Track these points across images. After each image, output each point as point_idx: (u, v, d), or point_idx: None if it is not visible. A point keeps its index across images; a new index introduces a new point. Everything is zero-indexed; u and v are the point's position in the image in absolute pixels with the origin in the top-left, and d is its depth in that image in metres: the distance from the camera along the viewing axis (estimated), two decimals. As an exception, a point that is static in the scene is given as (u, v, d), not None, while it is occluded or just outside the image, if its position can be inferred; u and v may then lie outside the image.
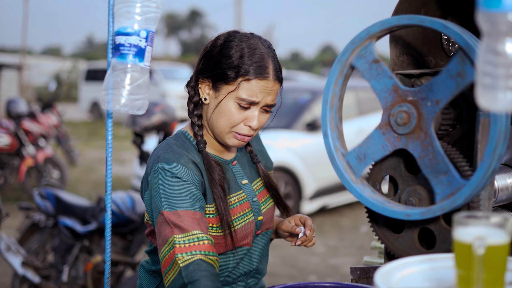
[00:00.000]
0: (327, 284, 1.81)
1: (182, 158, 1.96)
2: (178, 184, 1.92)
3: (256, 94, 1.96)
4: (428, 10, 1.87)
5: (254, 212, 2.11)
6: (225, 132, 2.02)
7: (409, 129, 1.62)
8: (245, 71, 1.96)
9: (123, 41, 1.67)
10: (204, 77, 2.03)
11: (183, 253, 1.83)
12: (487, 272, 1.16)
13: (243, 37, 2.02)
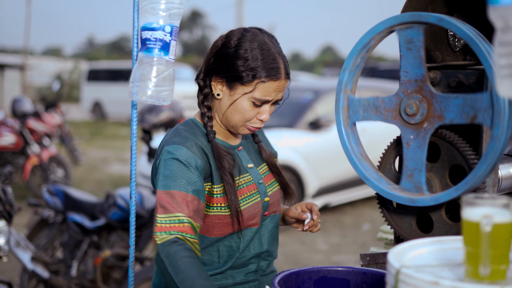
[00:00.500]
0: (339, 268, 1.90)
1: (187, 142, 2.10)
2: (177, 166, 2.05)
3: (270, 94, 2.12)
4: (435, 7, 1.96)
5: (260, 194, 2.23)
6: (239, 125, 2.16)
7: (414, 122, 1.71)
8: (260, 74, 2.09)
9: (149, 36, 1.77)
10: (218, 75, 2.15)
11: (162, 232, 1.98)
12: (493, 249, 1.25)
13: (254, 36, 2.13)
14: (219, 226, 2.15)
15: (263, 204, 2.24)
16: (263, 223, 2.27)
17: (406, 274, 1.31)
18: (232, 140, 2.28)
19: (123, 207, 4.94)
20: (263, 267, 2.28)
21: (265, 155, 2.35)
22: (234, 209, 2.12)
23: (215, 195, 2.13)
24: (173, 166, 2.06)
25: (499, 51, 1.20)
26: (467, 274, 1.30)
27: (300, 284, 1.87)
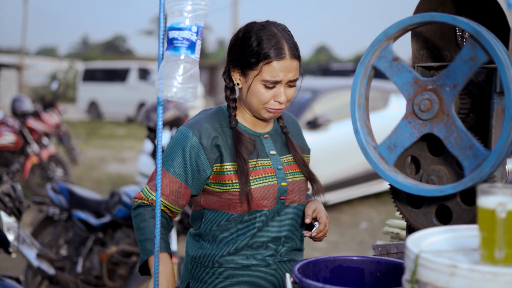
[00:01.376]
0: (354, 258, 1.99)
1: (196, 125, 2.32)
2: (177, 149, 2.32)
3: (278, 74, 2.26)
4: (445, 8, 2.05)
5: (278, 178, 2.36)
6: (259, 109, 2.33)
7: (433, 114, 1.80)
8: (264, 56, 2.25)
9: (177, 35, 1.87)
10: (234, 66, 2.34)
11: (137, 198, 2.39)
12: (508, 234, 1.35)
13: (259, 26, 2.31)
14: (234, 203, 2.31)
15: (279, 188, 2.35)
16: (285, 210, 2.39)
17: (425, 258, 1.40)
18: (260, 128, 2.43)
19: (128, 204, 5.02)
20: (282, 253, 2.39)
21: (291, 146, 2.46)
22: (243, 188, 2.28)
23: (226, 172, 2.31)
24: (174, 148, 2.33)
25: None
26: (483, 258, 1.39)
27: (317, 272, 1.96)
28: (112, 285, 5.02)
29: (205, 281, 2.37)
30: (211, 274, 2.36)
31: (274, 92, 2.29)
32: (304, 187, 2.47)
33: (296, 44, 2.33)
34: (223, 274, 2.35)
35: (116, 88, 24.22)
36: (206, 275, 2.37)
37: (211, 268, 2.36)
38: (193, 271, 2.41)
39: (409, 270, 1.45)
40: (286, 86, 2.31)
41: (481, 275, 1.30)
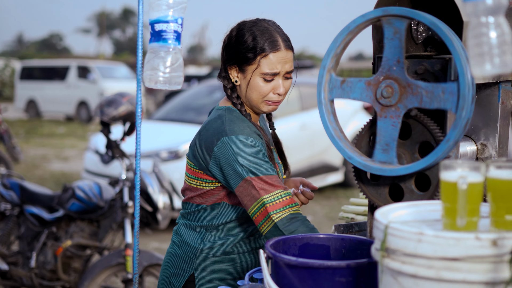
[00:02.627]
0: (320, 236, 2.13)
1: (247, 129, 2.36)
2: (252, 151, 2.31)
3: (276, 66, 2.38)
4: (401, 4, 2.21)
5: (280, 172, 2.53)
6: (259, 103, 2.43)
7: (397, 94, 1.96)
8: (260, 49, 2.37)
9: (165, 28, 1.99)
10: (230, 64, 2.44)
11: (275, 210, 2.26)
12: (468, 203, 1.51)
13: (251, 23, 2.44)
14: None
15: (282, 180, 2.53)
16: None
17: (394, 228, 1.55)
18: (255, 122, 2.54)
19: (82, 199, 5.07)
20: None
21: (276, 140, 2.63)
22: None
23: None
24: (249, 152, 2.31)
25: (472, 37, 1.46)
26: (446, 226, 1.55)
27: (287, 250, 2.09)
28: (67, 279, 5.07)
29: (214, 270, 2.50)
30: (220, 262, 2.50)
31: (273, 85, 2.41)
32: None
33: (287, 36, 2.47)
34: (232, 261, 2.51)
35: (55, 87, 23.91)
36: (215, 264, 2.50)
37: (221, 257, 2.50)
38: (200, 262, 2.51)
39: (379, 240, 1.60)
40: (283, 78, 2.43)
41: (445, 240, 1.46)
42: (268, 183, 2.28)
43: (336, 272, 1.81)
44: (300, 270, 1.83)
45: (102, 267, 4.84)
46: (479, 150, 2.31)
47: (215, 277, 2.50)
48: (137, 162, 2.12)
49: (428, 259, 1.47)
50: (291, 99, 9.91)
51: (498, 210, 1.55)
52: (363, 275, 1.81)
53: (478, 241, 1.44)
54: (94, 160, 8.77)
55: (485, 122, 2.29)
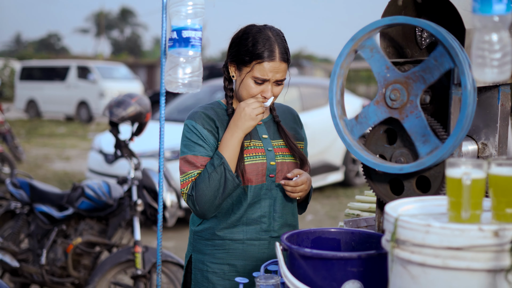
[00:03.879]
0: (331, 230, 2.27)
1: (196, 115, 2.67)
2: (191, 135, 2.62)
3: (267, 73, 2.59)
4: (407, 12, 2.35)
5: (267, 158, 2.69)
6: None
7: (400, 104, 2.10)
8: (257, 56, 2.58)
9: (193, 35, 2.15)
10: (231, 61, 2.66)
11: (184, 187, 2.62)
12: (472, 198, 1.65)
13: (257, 29, 2.64)
14: None
15: (268, 166, 2.68)
16: (276, 187, 2.71)
17: (403, 220, 1.68)
18: None
19: (92, 197, 5.20)
20: (275, 228, 2.72)
21: (282, 133, 2.79)
22: (238, 164, 2.62)
23: None
24: (187, 138, 2.65)
25: (477, 46, 1.61)
26: (451, 218, 1.69)
27: (300, 243, 2.23)
28: (77, 275, 5.19)
29: (206, 253, 2.70)
30: (211, 246, 2.68)
31: (262, 88, 2.62)
32: (292, 169, 2.76)
33: (287, 48, 2.66)
34: (221, 246, 2.68)
35: (55, 87, 24.01)
36: (206, 247, 2.69)
37: (211, 241, 2.69)
38: (195, 244, 2.74)
39: (389, 232, 1.74)
40: (273, 84, 2.63)
41: (450, 231, 1.59)
42: (188, 164, 2.62)
43: (348, 262, 1.95)
44: (315, 261, 1.97)
45: (112, 264, 4.96)
46: (480, 149, 2.45)
47: (206, 260, 2.70)
48: (161, 161, 2.25)
49: (435, 248, 1.61)
50: (291, 100, 10.05)
51: (499, 204, 1.69)
52: (372, 265, 1.95)
53: (481, 232, 1.58)
54: (98, 160, 8.89)
55: (485, 123, 2.43)
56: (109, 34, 75.88)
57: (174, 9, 2.11)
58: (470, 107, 2.03)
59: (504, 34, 1.59)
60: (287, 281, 1.98)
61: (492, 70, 1.58)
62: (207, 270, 2.69)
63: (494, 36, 1.58)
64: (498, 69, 1.59)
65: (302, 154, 2.81)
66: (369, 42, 2.14)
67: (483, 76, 1.60)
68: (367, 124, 2.21)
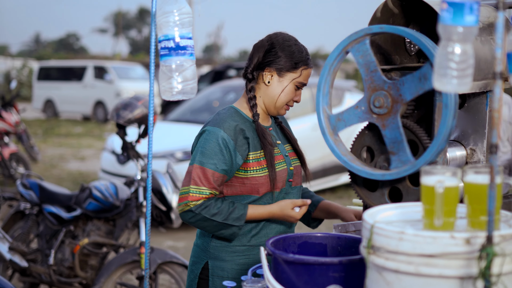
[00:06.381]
0: (318, 234, 2.30)
1: (225, 124, 2.66)
2: (214, 146, 2.63)
3: (307, 79, 2.75)
4: (395, 19, 2.38)
5: (287, 163, 2.77)
6: (282, 106, 2.75)
7: (383, 111, 2.13)
8: (303, 63, 2.72)
9: (189, 43, 2.20)
10: (269, 67, 2.72)
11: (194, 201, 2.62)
12: (444, 205, 1.67)
13: (290, 36, 2.78)
14: (256, 187, 2.68)
15: (288, 171, 2.77)
16: (292, 191, 2.81)
17: (378, 227, 1.71)
18: (265, 122, 2.83)
19: (99, 198, 5.26)
20: (293, 228, 2.85)
21: (291, 137, 2.90)
22: (271, 172, 2.68)
23: (250, 160, 2.68)
24: (210, 147, 2.65)
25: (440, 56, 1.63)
26: (425, 226, 1.72)
27: (286, 247, 2.26)
28: (84, 275, 5.25)
29: (225, 259, 2.74)
30: (231, 252, 2.73)
31: (297, 93, 2.76)
32: (301, 171, 2.90)
33: None
34: (242, 252, 2.74)
35: (72, 87, 24.17)
36: (226, 254, 2.74)
37: (232, 247, 2.74)
38: (213, 251, 2.77)
39: (366, 238, 1.77)
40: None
41: (423, 239, 1.62)
42: (203, 177, 2.62)
43: (329, 268, 1.98)
44: (297, 266, 2.00)
45: (118, 264, 5.02)
46: (469, 155, 2.47)
47: (227, 266, 2.73)
48: (149, 166, 2.29)
49: (408, 255, 1.64)
50: (303, 100, 10.05)
51: (473, 211, 1.71)
52: (354, 271, 1.98)
53: (453, 239, 1.60)
54: (110, 160, 8.97)
55: (474, 129, 2.45)
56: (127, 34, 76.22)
57: (165, 19, 2.16)
58: (451, 120, 2.05)
59: (467, 47, 1.61)
60: (270, 285, 2.01)
61: (452, 81, 1.61)
62: (228, 277, 2.73)
63: (457, 47, 1.60)
64: (458, 80, 1.61)
65: (304, 158, 2.92)
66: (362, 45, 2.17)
67: (443, 86, 1.62)
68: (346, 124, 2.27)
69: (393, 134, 2.15)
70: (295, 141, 2.91)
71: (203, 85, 16.77)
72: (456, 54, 1.59)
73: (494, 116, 1.51)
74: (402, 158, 2.12)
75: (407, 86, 2.10)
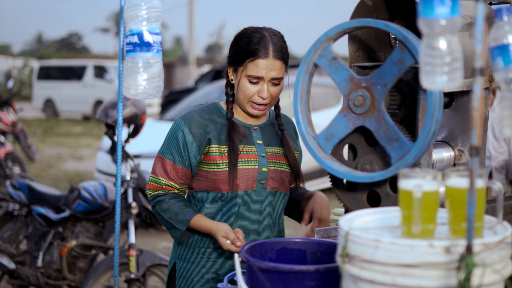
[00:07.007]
0: (297, 240, 2.20)
1: (189, 116, 2.60)
2: (175, 138, 2.59)
3: (260, 71, 2.53)
4: (379, 14, 2.27)
5: (259, 163, 2.62)
6: (245, 103, 2.60)
7: (365, 108, 2.02)
8: (249, 54, 2.53)
9: (155, 39, 2.09)
10: (228, 64, 2.62)
11: (150, 189, 2.64)
12: (423, 211, 1.56)
13: (252, 29, 2.60)
14: (218, 182, 2.57)
15: (259, 172, 2.62)
16: (266, 195, 2.65)
17: (353, 234, 1.60)
18: (251, 121, 2.70)
19: (87, 199, 5.16)
20: (263, 237, 2.65)
21: (285, 142, 2.72)
22: (231, 167, 2.56)
23: (212, 153, 2.58)
24: (170, 137, 2.62)
25: (425, 53, 1.52)
26: (403, 233, 1.61)
27: (264, 254, 2.15)
28: (72, 278, 5.16)
29: (191, 261, 2.64)
30: (197, 254, 2.62)
31: (258, 88, 2.56)
32: (286, 178, 2.71)
33: (283, 47, 2.59)
34: (207, 255, 2.62)
35: (72, 86, 24.10)
36: (192, 255, 2.63)
37: (197, 249, 2.63)
38: (180, 251, 2.67)
39: (341, 246, 1.66)
40: (270, 84, 2.56)
41: (400, 247, 1.51)
42: (162, 168, 2.61)
43: (306, 276, 1.87)
44: (272, 274, 1.89)
45: (106, 267, 4.91)
46: (457, 156, 2.36)
47: (192, 268, 2.63)
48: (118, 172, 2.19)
49: (384, 265, 1.53)
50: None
51: (455, 217, 1.60)
52: (332, 279, 1.87)
53: (432, 248, 1.49)
54: (106, 160, 8.87)
55: (462, 129, 2.34)
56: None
57: (132, 13, 2.05)
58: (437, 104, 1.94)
59: (452, 39, 1.50)
60: (243, 294, 1.91)
61: (442, 77, 1.49)
62: (192, 279, 2.63)
63: (442, 41, 1.49)
64: (448, 76, 1.50)
65: (298, 167, 2.75)
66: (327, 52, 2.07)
67: (433, 85, 1.51)
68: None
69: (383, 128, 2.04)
70: (291, 149, 2.73)
71: (203, 84, 16.69)
72: (441, 48, 1.48)
73: (473, 116, 1.40)
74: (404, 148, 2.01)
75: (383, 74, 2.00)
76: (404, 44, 1.95)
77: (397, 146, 1.99)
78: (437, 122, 1.93)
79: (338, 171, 2.11)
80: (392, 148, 2.00)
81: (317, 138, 2.16)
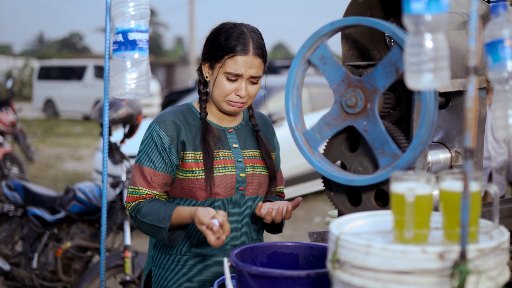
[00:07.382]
0: (289, 244, 2.14)
1: (162, 118, 2.51)
2: (150, 144, 2.47)
3: (239, 68, 2.43)
4: (373, 12, 2.21)
5: (237, 169, 2.51)
6: (221, 101, 2.49)
7: (359, 109, 1.96)
8: (229, 50, 2.43)
9: (140, 37, 2.03)
10: (204, 60, 2.52)
11: (130, 202, 2.49)
12: (416, 216, 1.50)
13: (231, 25, 2.50)
14: (193, 190, 2.45)
15: (237, 178, 2.52)
16: (245, 201, 2.55)
17: (344, 239, 1.55)
18: (225, 122, 2.60)
19: (83, 200, 5.10)
20: (241, 242, 2.56)
21: (261, 144, 2.63)
22: (207, 174, 2.44)
23: (187, 160, 2.47)
24: (147, 143, 2.49)
25: (410, 51, 1.46)
26: (395, 238, 1.55)
27: (255, 258, 2.10)
28: (67, 280, 5.10)
29: (166, 268, 2.54)
30: (172, 261, 2.53)
31: (236, 86, 2.46)
32: (264, 181, 2.62)
33: (262, 45, 2.51)
34: (183, 262, 2.52)
35: (72, 86, 24.06)
36: (167, 262, 2.54)
37: (173, 256, 2.53)
38: (155, 258, 2.58)
39: (331, 251, 1.60)
40: (248, 82, 2.48)
41: (392, 253, 1.45)
42: (141, 176, 2.47)
43: (296, 281, 1.82)
44: (261, 280, 1.84)
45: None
46: (453, 158, 2.30)
47: (168, 276, 2.54)
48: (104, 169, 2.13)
49: (376, 271, 1.47)
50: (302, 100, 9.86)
51: (450, 222, 1.55)
52: (323, 284, 1.81)
53: (425, 254, 1.43)
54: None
55: (459, 130, 2.28)
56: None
57: (118, 10, 1.99)
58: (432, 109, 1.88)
59: (438, 37, 1.44)
60: (232, 300, 1.85)
61: (427, 76, 1.43)
62: (168, 287, 2.54)
63: (426, 39, 1.43)
64: (434, 74, 1.43)
65: (274, 169, 2.66)
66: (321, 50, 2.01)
67: (418, 84, 1.45)
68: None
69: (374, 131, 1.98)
70: (268, 150, 2.64)
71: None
72: (425, 46, 1.42)
73: (467, 116, 1.34)
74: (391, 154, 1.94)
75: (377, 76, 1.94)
76: (396, 42, 1.90)
77: (386, 153, 1.93)
78: (433, 124, 1.87)
79: (320, 168, 2.05)
80: (382, 153, 1.94)
81: (305, 132, 2.10)
